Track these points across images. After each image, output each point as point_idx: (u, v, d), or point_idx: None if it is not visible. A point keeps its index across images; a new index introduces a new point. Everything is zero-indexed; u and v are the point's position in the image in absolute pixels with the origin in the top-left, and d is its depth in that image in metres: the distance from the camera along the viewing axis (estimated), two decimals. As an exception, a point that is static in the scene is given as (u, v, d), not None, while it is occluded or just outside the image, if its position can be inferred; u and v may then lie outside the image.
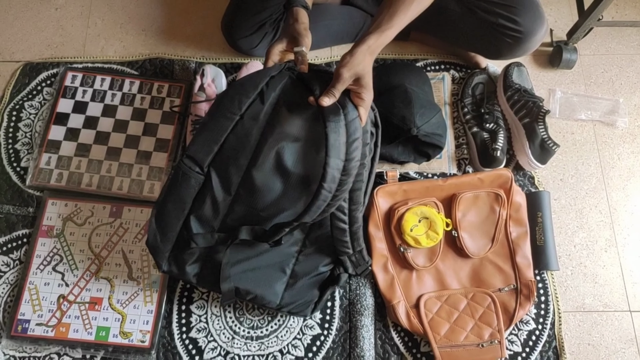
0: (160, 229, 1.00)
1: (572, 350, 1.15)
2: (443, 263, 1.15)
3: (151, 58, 1.41)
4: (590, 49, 1.45)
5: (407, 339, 1.15)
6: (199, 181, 0.96)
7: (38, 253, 1.18)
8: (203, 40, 1.45)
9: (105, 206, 1.23)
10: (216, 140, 0.93)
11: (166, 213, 0.98)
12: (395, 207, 1.15)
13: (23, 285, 1.16)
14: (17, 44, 1.46)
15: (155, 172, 1.26)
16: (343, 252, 1.04)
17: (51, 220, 1.21)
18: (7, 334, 1.12)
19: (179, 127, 1.31)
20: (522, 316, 1.12)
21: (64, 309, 1.14)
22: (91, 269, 1.18)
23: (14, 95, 1.36)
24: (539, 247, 1.16)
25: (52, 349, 1.12)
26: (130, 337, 1.12)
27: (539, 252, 1.16)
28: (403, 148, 1.24)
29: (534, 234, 1.17)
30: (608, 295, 1.20)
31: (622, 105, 1.36)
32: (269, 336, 1.14)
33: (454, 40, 1.35)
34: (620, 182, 1.30)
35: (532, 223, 1.18)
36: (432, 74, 1.37)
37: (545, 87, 1.39)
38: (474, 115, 1.28)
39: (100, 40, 1.46)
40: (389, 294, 1.13)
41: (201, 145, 0.94)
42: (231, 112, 0.93)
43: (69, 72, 1.37)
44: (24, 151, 1.30)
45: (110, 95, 1.34)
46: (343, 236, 1.01)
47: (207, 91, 1.26)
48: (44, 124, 1.31)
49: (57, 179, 1.25)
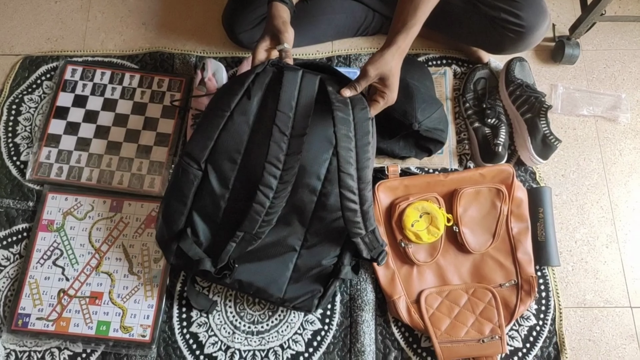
0: (166, 223, 1.05)
1: (572, 346, 1.15)
2: (444, 258, 1.15)
3: (151, 52, 1.41)
4: (593, 44, 1.45)
5: (407, 334, 1.15)
6: (198, 176, 1.02)
7: (38, 247, 1.18)
8: (204, 34, 1.45)
9: (105, 200, 1.23)
10: (210, 136, 0.99)
11: (170, 208, 1.04)
12: (397, 202, 1.14)
13: (23, 280, 1.16)
14: (17, 37, 1.45)
15: (155, 166, 1.26)
16: (356, 233, 1.03)
17: (51, 215, 1.21)
18: (8, 328, 1.12)
19: (179, 122, 1.30)
20: (522, 312, 1.12)
21: (64, 303, 1.14)
22: (91, 263, 1.17)
23: (13, 89, 1.36)
24: (540, 242, 1.16)
25: (53, 343, 1.12)
26: (130, 331, 1.12)
27: (540, 248, 1.16)
28: (404, 143, 1.24)
29: (535, 229, 1.17)
30: (609, 291, 1.20)
31: (624, 101, 1.36)
32: (269, 331, 1.14)
33: (456, 34, 1.34)
34: (622, 178, 1.30)
35: (534, 219, 1.18)
36: (434, 69, 1.37)
37: (547, 82, 1.39)
38: (476, 110, 1.28)
39: (100, 34, 1.45)
40: (390, 289, 1.12)
41: (197, 142, 1.00)
42: (222, 110, 0.99)
43: (68, 66, 1.36)
44: (24, 145, 1.30)
45: (111, 89, 1.34)
46: (355, 217, 1.01)
47: (208, 85, 1.26)
48: (44, 118, 1.31)
49: (57, 173, 1.25)
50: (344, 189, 0.94)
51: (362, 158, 0.94)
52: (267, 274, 1.05)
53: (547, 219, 1.17)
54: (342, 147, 0.91)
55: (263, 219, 0.96)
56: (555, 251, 1.16)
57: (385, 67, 0.91)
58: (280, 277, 1.06)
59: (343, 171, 0.92)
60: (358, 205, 0.99)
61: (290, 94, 0.95)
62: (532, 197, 1.19)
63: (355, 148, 0.94)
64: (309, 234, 1.07)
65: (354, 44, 1.42)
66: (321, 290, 1.08)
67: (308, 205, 1.04)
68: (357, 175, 0.96)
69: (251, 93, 0.99)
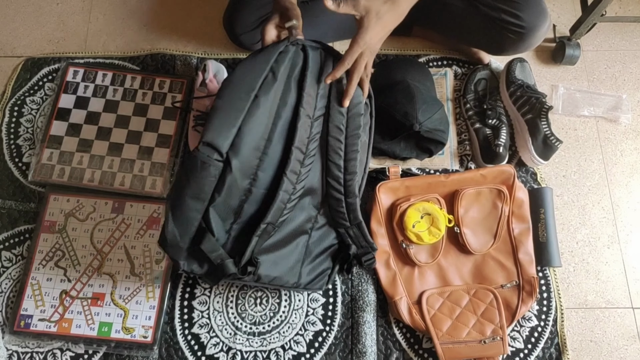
0: (179, 225, 0.93)
1: (574, 347, 1.15)
2: (445, 259, 1.15)
3: (153, 53, 1.41)
4: (594, 45, 1.45)
5: (409, 335, 1.15)
6: (219, 169, 0.90)
7: (40, 248, 1.19)
8: (205, 35, 1.45)
9: (107, 202, 1.23)
10: (233, 123, 0.89)
11: (185, 208, 0.92)
12: (398, 203, 1.14)
13: (25, 281, 1.16)
14: (19, 39, 1.45)
15: (157, 167, 1.26)
16: (340, 224, 1.05)
17: (53, 216, 1.21)
18: (10, 329, 1.13)
19: (180, 123, 1.31)
20: (524, 312, 1.12)
21: (66, 305, 1.15)
22: (93, 265, 1.18)
23: (15, 91, 1.36)
24: (541, 243, 1.16)
25: (55, 344, 1.12)
26: (132, 332, 1.13)
27: (542, 249, 1.16)
28: (405, 144, 1.24)
29: (536, 230, 1.17)
30: (610, 292, 1.20)
31: (625, 102, 1.36)
32: (271, 332, 1.14)
33: (456, 35, 1.34)
34: (623, 179, 1.30)
35: (535, 219, 1.18)
36: (435, 70, 1.37)
37: (548, 83, 1.39)
38: (477, 111, 1.28)
39: (101, 36, 1.46)
40: (391, 290, 1.13)
41: (218, 131, 0.89)
42: (245, 93, 0.90)
43: (70, 68, 1.36)
44: (26, 146, 1.30)
45: (112, 90, 1.34)
46: (339, 206, 1.02)
47: (209, 87, 1.26)
48: (46, 120, 1.31)
49: (59, 174, 1.25)
50: (330, 178, 0.96)
51: (349, 150, 0.97)
52: (283, 262, 1.02)
53: (548, 220, 1.17)
54: (332, 137, 0.94)
55: (286, 206, 0.94)
56: (557, 252, 1.16)
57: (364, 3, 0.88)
58: (295, 263, 1.04)
59: (330, 160, 0.95)
60: (343, 195, 1.00)
61: (314, 75, 0.93)
62: (534, 198, 1.19)
63: (345, 140, 0.96)
64: (319, 216, 1.07)
65: (355, 45, 1.42)
66: (330, 267, 1.10)
67: (320, 187, 1.02)
68: (344, 165, 0.98)
69: (275, 72, 0.91)
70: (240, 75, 0.91)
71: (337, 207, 1.02)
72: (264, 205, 0.93)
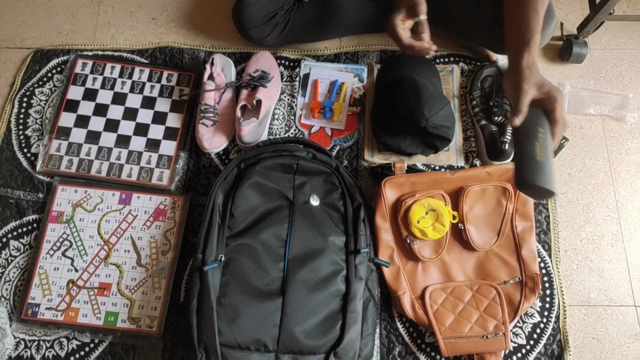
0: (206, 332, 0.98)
1: (576, 344, 1.16)
2: (449, 255, 1.16)
3: (161, 47, 1.42)
4: (601, 44, 1.45)
5: (412, 329, 1.16)
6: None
7: (48, 238, 1.20)
8: (213, 29, 1.46)
9: (114, 193, 1.24)
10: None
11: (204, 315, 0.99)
12: (403, 198, 1.15)
13: (33, 270, 1.17)
14: (28, 30, 1.46)
15: (164, 160, 1.27)
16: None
17: (61, 206, 1.23)
18: (18, 317, 1.14)
19: (188, 116, 1.32)
20: (526, 309, 1.13)
21: (73, 294, 1.16)
22: (100, 255, 1.19)
23: (24, 82, 1.37)
24: (538, 162, 0.99)
25: (62, 333, 1.14)
26: (138, 322, 1.14)
27: (538, 167, 0.99)
28: (411, 140, 1.24)
29: (533, 148, 1.00)
30: (613, 289, 1.20)
31: (631, 101, 1.35)
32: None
33: (462, 33, 1.34)
34: (628, 178, 1.30)
35: (532, 137, 1.01)
36: (441, 67, 1.37)
37: (554, 81, 1.39)
38: (483, 108, 1.28)
39: (110, 28, 1.47)
40: (395, 284, 1.13)
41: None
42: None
43: (79, 60, 1.38)
44: (35, 137, 1.31)
45: (120, 83, 1.35)
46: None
47: (216, 80, 1.27)
48: (54, 111, 1.32)
49: (67, 165, 1.26)
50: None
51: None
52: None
53: (546, 140, 1.01)
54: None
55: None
56: (552, 175, 1.00)
57: (537, 77, 0.94)
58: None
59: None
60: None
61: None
62: (531, 118, 1.03)
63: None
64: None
65: (362, 41, 1.43)
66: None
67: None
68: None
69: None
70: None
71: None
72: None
